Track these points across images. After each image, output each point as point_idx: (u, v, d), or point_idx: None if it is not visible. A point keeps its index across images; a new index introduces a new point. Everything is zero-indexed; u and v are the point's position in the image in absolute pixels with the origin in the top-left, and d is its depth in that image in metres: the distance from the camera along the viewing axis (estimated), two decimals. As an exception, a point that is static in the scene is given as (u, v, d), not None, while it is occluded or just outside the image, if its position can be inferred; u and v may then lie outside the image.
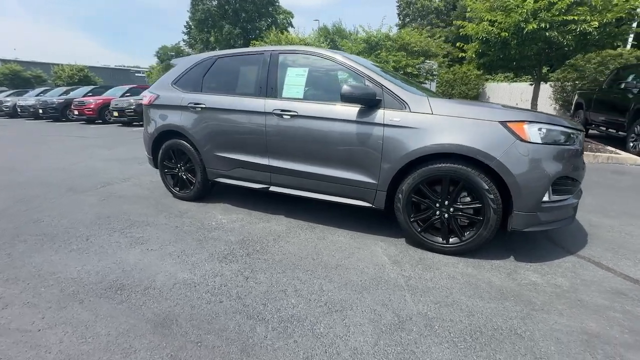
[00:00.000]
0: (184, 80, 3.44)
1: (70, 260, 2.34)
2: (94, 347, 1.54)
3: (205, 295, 1.94)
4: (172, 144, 3.52)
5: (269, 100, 2.87)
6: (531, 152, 2.07)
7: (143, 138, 3.90)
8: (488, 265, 2.28)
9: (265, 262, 2.33)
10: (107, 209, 3.38)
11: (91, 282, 2.07)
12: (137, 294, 1.95)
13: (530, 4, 5.49)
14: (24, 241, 2.65)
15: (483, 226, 2.23)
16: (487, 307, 1.83)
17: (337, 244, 2.63)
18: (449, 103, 2.36)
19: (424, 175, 2.32)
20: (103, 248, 2.53)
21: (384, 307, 1.84)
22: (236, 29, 36.14)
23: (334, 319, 1.74)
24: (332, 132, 2.60)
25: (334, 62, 2.70)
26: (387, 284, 2.07)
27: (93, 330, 1.64)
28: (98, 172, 4.96)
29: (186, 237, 2.74)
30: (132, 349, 1.53)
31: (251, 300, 1.89)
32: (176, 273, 2.18)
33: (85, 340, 1.58)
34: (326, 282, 2.09)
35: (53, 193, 3.93)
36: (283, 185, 2.98)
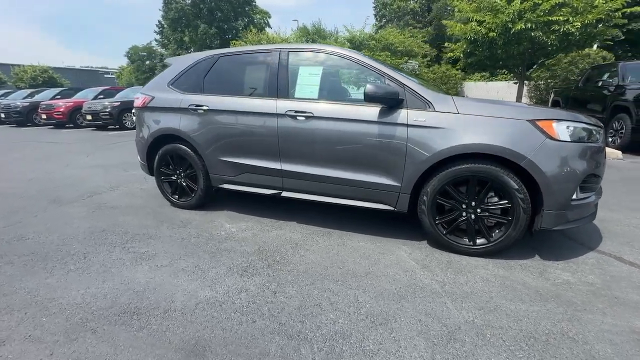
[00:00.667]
0: (182, 81, 3.21)
1: (69, 282, 2.09)
2: (121, 385, 1.35)
3: (234, 315, 1.77)
4: (170, 149, 3.28)
5: (281, 101, 2.71)
6: (561, 150, 2.06)
7: (136, 143, 3.62)
8: (517, 266, 2.26)
9: (289, 274, 2.19)
10: (100, 222, 3.09)
11: (100, 307, 1.85)
12: (157, 317, 1.76)
13: (517, 4, 5.65)
14: (10, 263, 2.35)
15: (512, 226, 2.20)
16: (532, 311, 1.79)
17: (359, 250, 2.52)
18: (474, 102, 2.31)
19: (450, 176, 2.27)
20: (105, 266, 2.29)
21: (428, 316, 1.75)
22: (212, 28, 35.24)
23: (381, 333, 1.63)
24: (351, 133, 2.49)
25: (351, 61, 2.59)
26: (423, 291, 1.99)
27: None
28: (81, 181, 4.58)
29: (197, 249, 2.54)
30: (167, 384, 1.35)
31: (286, 318, 1.75)
32: (196, 291, 1.99)
33: (108, 377, 1.39)
34: (360, 292, 1.98)
35: (34, 206, 3.56)
36: (296, 190, 2.83)
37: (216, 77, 3.09)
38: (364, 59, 2.56)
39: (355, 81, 2.67)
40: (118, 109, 11.49)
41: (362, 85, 2.67)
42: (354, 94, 2.77)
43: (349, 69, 2.66)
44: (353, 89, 2.81)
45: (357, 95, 2.70)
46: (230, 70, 3.07)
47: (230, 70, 3.08)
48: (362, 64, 2.55)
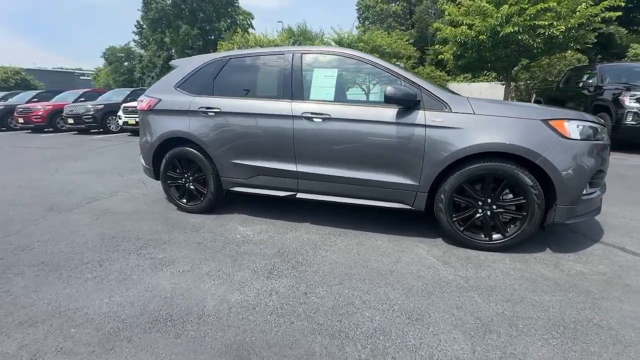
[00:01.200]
0: (191, 83, 3.17)
1: (90, 291, 2.03)
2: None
3: (271, 317, 1.77)
4: (179, 152, 3.22)
5: (296, 103, 2.73)
6: (573, 148, 2.18)
7: (140, 146, 3.53)
8: (532, 259, 2.36)
9: (316, 275, 2.20)
10: (108, 229, 3.00)
11: (130, 315, 1.80)
12: (192, 323, 1.73)
13: (505, 9, 5.89)
14: (21, 274, 2.25)
15: (527, 221, 2.31)
16: (555, 301, 1.88)
17: (378, 249, 2.57)
18: (489, 103, 2.41)
19: (467, 175, 2.35)
20: (125, 274, 2.23)
21: (460, 310, 1.81)
22: (194, 29, 34.59)
23: (419, 328, 1.68)
24: (369, 134, 2.53)
25: (366, 63, 2.64)
26: (449, 286, 2.05)
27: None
28: (76, 187, 4.41)
29: (216, 254, 2.51)
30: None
31: (323, 318, 1.76)
32: (225, 295, 1.97)
33: (157, 386, 1.36)
34: (389, 289, 2.02)
35: (31, 214, 3.41)
36: (312, 191, 2.85)
37: (227, 79, 3.06)
38: (379, 61, 2.61)
39: (370, 83, 2.72)
40: (102, 112, 11.13)
41: (376, 87, 2.73)
42: (370, 95, 2.81)
43: (364, 71, 2.71)
44: (368, 91, 2.85)
45: (372, 97, 2.75)
46: (242, 72, 3.06)
47: (242, 73, 3.06)
48: (377, 66, 2.60)
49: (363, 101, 2.61)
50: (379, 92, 2.75)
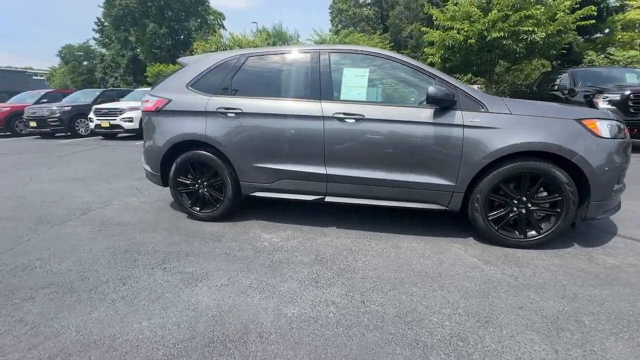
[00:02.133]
0: (205, 82, 2.96)
1: (122, 314, 1.80)
2: None
3: (339, 330, 1.66)
4: (192, 156, 3.00)
5: (326, 103, 2.63)
6: (605, 146, 2.27)
7: (145, 151, 3.25)
8: (566, 254, 2.44)
9: (365, 281, 2.12)
10: (116, 242, 2.72)
11: (180, 339, 1.61)
12: (255, 343, 1.58)
13: (493, 14, 6.16)
14: (30, 298, 1.96)
15: (562, 218, 2.38)
16: (605, 294, 1.93)
17: (415, 251, 2.53)
18: (524, 103, 2.46)
19: (505, 174, 2.38)
20: (156, 292, 2.01)
21: (524, 310, 1.81)
22: (162, 28, 33.08)
23: (492, 331, 1.65)
24: (405, 135, 2.49)
25: (397, 62, 2.60)
26: (501, 285, 2.05)
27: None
28: (61, 197, 3.99)
29: (250, 264, 2.34)
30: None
31: (393, 327, 1.68)
32: (280, 309, 1.83)
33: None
34: (445, 292, 1.98)
35: (18, 228, 3.02)
36: (342, 194, 2.76)
37: (246, 78, 2.89)
38: (412, 61, 2.59)
39: (404, 83, 2.69)
40: (69, 114, 10.29)
41: (408, 87, 2.70)
42: (402, 96, 2.78)
43: (395, 70, 2.67)
44: (400, 91, 2.82)
45: (405, 97, 2.72)
46: (263, 71, 2.90)
47: (263, 72, 2.91)
48: (410, 66, 2.57)
49: (396, 101, 2.57)
50: (412, 92, 2.72)
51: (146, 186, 4.44)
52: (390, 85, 2.73)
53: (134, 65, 38.36)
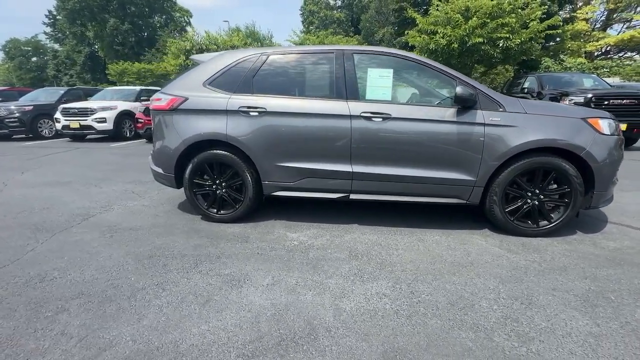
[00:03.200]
0: (224, 80, 2.89)
1: (176, 320, 1.73)
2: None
3: (401, 320, 1.72)
4: (210, 156, 2.91)
5: (352, 102, 2.68)
6: (607, 142, 2.54)
7: (157, 151, 3.10)
8: (574, 241, 2.68)
9: (406, 273, 2.20)
10: (136, 247, 2.58)
11: (247, 340, 1.59)
12: (326, 338, 1.60)
13: (474, 21, 6.58)
14: (63, 310, 1.82)
15: (570, 208, 2.62)
16: (619, 273, 2.16)
17: (441, 244, 2.66)
18: (536, 103, 2.68)
19: (521, 169, 2.58)
20: (202, 296, 1.95)
21: (557, 291, 1.98)
22: (124, 24, 31.26)
23: (537, 312, 1.79)
24: (430, 133, 2.62)
25: (419, 64, 2.72)
26: (529, 270, 2.22)
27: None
28: (51, 203, 3.68)
29: (288, 263, 2.33)
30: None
31: (449, 313, 1.77)
32: (336, 304, 1.86)
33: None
34: (483, 280, 2.11)
35: (15, 237, 2.75)
36: (366, 191, 2.83)
37: (268, 77, 2.87)
38: (433, 63, 2.72)
39: (427, 83, 2.81)
40: (31, 114, 9.45)
41: (431, 87, 2.83)
42: (426, 95, 2.89)
43: (418, 72, 2.79)
44: (425, 90, 2.93)
45: (428, 97, 2.84)
46: (285, 70, 2.89)
47: (285, 71, 2.89)
48: (432, 68, 2.70)
49: (419, 101, 2.69)
50: (434, 92, 2.85)
51: (142, 189, 4.23)
52: (416, 86, 2.84)
53: (92, 62, 35.93)
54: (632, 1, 17.95)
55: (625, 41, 17.48)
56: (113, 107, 9.16)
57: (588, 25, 18.77)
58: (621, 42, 17.66)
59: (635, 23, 19.72)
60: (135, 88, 10.60)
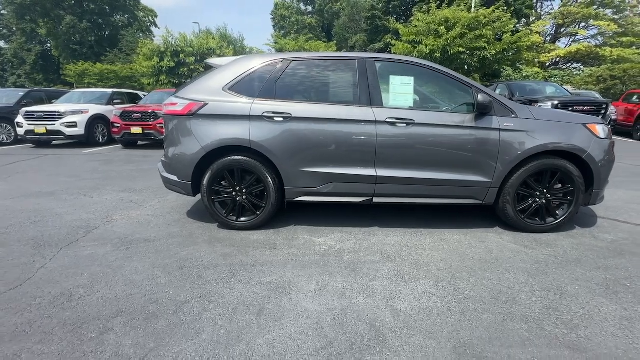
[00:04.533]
0: (245, 85, 2.84)
1: (237, 332, 1.69)
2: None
3: (456, 317, 1.81)
4: (231, 162, 2.84)
5: (377, 108, 2.76)
6: (603, 145, 2.83)
7: (172, 158, 2.96)
8: (576, 235, 2.94)
9: (442, 272, 2.29)
10: (158, 259, 2.45)
11: (318, 347, 1.59)
12: (395, 339, 1.64)
13: (456, 31, 7.01)
14: (108, 330, 1.69)
15: (574, 205, 2.88)
16: (625, 262, 2.42)
17: (462, 242, 2.80)
18: (543, 110, 2.91)
19: (532, 170, 2.79)
20: (253, 305, 1.91)
21: (580, 281, 2.17)
22: (83, 21, 29.19)
23: (571, 301, 1.96)
24: (450, 138, 2.76)
25: (438, 73, 2.87)
26: (549, 264, 2.41)
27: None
28: (41, 215, 3.37)
29: (327, 268, 2.34)
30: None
31: (496, 307, 1.89)
32: (392, 305, 1.91)
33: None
34: (514, 275, 2.26)
35: (15, 254, 2.50)
36: (389, 195, 2.91)
37: (291, 82, 2.87)
38: (450, 72, 2.87)
39: (446, 91, 2.96)
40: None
41: (449, 95, 2.98)
42: (446, 103, 3.03)
43: (436, 79, 2.93)
44: (444, 98, 3.07)
45: (446, 104, 2.99)
46: (307, 76, 2.90)
47: (307, 77, 2.90)
48: (449, 76, 2.86)
49: (439, 107, 2.83)
50: (451, 99, 3.00)
51: (140, 198, 4.00)
52: (436, 93, 2.98)
53: (45, 62, 33.20)
54: (576, 18, 19.94)
55: (573, 53, 19.40)
56: (84, 111, 8.54)
57: (541, 38, 20.56)
58: (569, 54, 19.58)
59: (579, 37, 21.95)
60: (107, 91, 9.97)
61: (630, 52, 17.51)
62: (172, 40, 12.86)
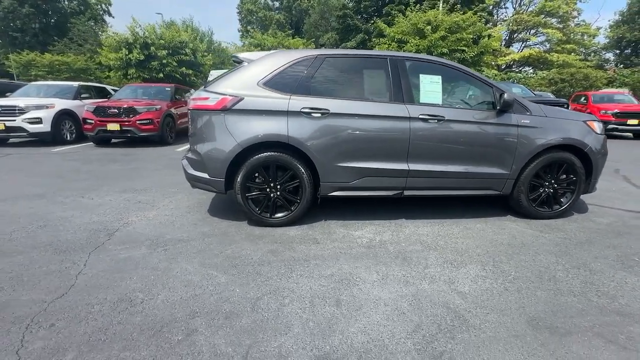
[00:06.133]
0: (279, 81, 2.81)
1: (327, 324, 1.72)
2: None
3: (516, 295, 1.99)
4: (267, 158, 2.81)
5: (410, 105, 2.89)
6: (599, 140, 3.21)
7: (203, 155, 2.84)
8: (578, 219, 3.31)
9: (482, 257, 2.48)
10: (207, 259, 2.38)
11: (408, 330, 1.68)
12: (475, 318, 1.78)
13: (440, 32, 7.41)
14: (193, 331, 1.64)
15: (576, 193, 3.24)
16: (626, 241, 2.77)
17: (486, 230, 3.02)
18: (551, 108, 3.22)
19: (543, 163, 3.10)
20: (328, 298, 1.95)
21: (598, 258, 2.47)
22: (25, 6, 26.22)
23: (601, 275, 2.23)
24: (476, 133, 2.97)
25: (463, 73, 3.07)
26: (567, 245, 2.70)
27: None
28: (45, 220, 3.08)
29: (378, 259, 2.43)
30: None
31: (544, 284, 2.10)
32: (455, 289, 2.05)
33: None
34: (544, 256, 2.51)
35: (40, 262, 2.29)
36: (418, 188, 3.06)
37: (326, 79, 2.89)
38: (473, 72, 3.08)
39: (469, 89, 3.16)
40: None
41: (471, 93, 3.19)
42: (470, 100, 3.23)
43: (460, 79, 3.12)
44: (468, 95, 3.27)
45: (469, 101, 3.19)
46: (342, 73, 2.94)
47: (341, 73, 2.94)
48: (472, 75, 3.07)
49: (464, 105, 3.03)
50: (474, 96, 3.21)
51: (147, 199, 3.79)
52: (460, 91, 3.17)
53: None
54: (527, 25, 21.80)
55: (526, 57, 21.25)
56: (50, 106, 7.76)
57: (498, 42, 22.23)
58: (523, 58, 21.41)
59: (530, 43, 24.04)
60: (73, 84, 9.11)
61: (573, 58, 19.53)
62: (140, 32, 12.00)
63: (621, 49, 27.60)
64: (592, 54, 26.01)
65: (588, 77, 14.82)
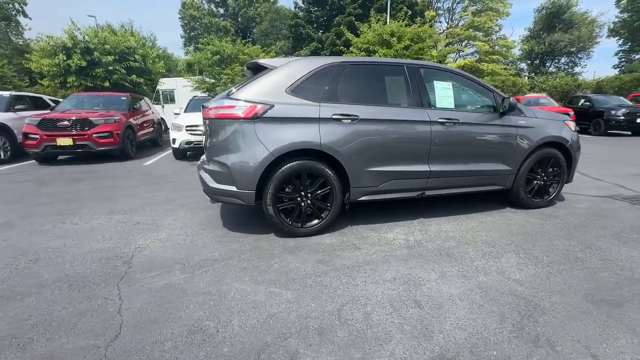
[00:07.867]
0: (306, 88, 2.76)
1: (434, 324, 1.73)
2: None
3: (558, 277, 2.21)
4: (300, 167, 2.73)
5: (429, 110, 3.05)
6: (576, 137, 3.72)
7: (233, 167, 2.64)
8: (566, 206, 3.77)
9: (509, 246, 2.71)
10: (256, 276, 2.23)
11: (497, 319, 1.76)
12: (543, 300, 1.93)
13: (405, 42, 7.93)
14: (295, 353, 1.54)
15: (561, 183, 3.70)
16: (610, 221, 3.24)
17: (499, 223, 3.29)
18: (539, 110, 3.64)
19: (537, 159, 3.49)
20: (408, 300, 1.97)
21: (599, 237, 2.85)
22: None
23: (609, 252, 2.58)
24: (485, 134, 3.24)
25: (468, 80, 3.33)
26: (568, 229, 3.07)
27: None
28: (34, 251, 2.61)
29: (427, 257, 2.51)
30: None
31: (573, 266, 2.37)
32: (508, 276, 2.20)
33: None
34: (558, 242, 2.81)
35: (62, 301, 1.92)
36: (437, 187, 3.23)
37: (351, 85, 2.91)
38: (476, 78, 3.37)
39: (473, 94, 3.42)
40: None
41: (476, 97, 3.46)
42: (475, 104, 3.49)
43: (465, 85, 3.37)
44: (473, 99, 3.52)
45: (473, 105, 3.46)
46: (364, 79, 2.99)
47: (364, 80, 2.99)
48: (476, 82, 3.35)
49: (471, 108, 3.30)
50: (477, 101, 3.47)
51: (145, 219, 3.42)
52: (467, 96, 3.43)
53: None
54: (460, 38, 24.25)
55: (461, 67, 23.62)
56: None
57: (453, 49, 24.40)
58: (459, 67, 23.76)
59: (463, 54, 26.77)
60: (3, 93, 7.78)
61: (499, 67, 22.20)
62: (79, 35, 10.64)
63: (532, 59, 32.36)
64: (510, 64, 29.91)
65: (515, 83, 17.02)
